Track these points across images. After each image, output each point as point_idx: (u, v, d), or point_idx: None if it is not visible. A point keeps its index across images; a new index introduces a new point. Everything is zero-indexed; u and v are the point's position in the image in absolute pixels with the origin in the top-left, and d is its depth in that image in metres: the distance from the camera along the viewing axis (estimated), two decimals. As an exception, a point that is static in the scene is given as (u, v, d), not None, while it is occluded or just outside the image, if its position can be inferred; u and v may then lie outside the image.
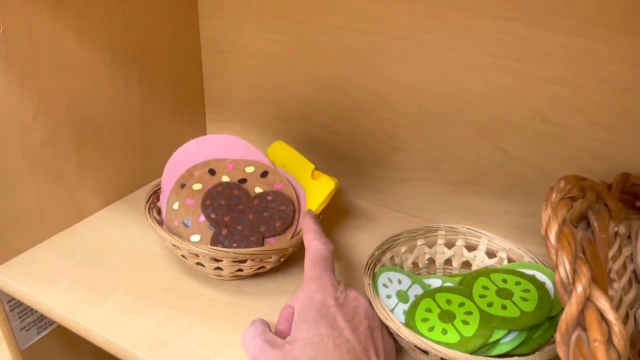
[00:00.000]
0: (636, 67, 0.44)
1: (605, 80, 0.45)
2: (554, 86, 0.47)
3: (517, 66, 0.48)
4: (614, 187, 0.44)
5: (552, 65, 0.47)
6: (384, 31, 0.53)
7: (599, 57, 0.45)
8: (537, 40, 0.46)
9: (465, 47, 0.50)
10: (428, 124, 0.55)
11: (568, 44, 0.45)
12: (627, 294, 0.39)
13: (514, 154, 0.51)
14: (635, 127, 0.46)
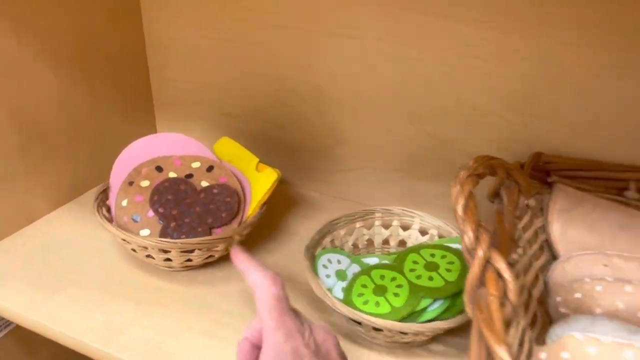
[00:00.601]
0: (545, 57, 0.48)
1: (520, 69, 0.50)
2: (476, 76, 0.52)
3: (442, 58, 0.52)
4: (526, 165, 0.49)
5: (475, 56, 0.51)
6: (319, 28, 0.57)
7: (515, 49, 0.49)
8: (459, 34, 0.51)
9: (393, 41, 0.54)
10: (365, 115, 0.59)
11: (488, 37, 0.49)
12: (537, 259, 0.44)
13: (443, 139, 0.56)
14: (548, 111, 0.50)
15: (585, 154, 0.50)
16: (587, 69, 0.47)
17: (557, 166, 0.49)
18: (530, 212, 0.46)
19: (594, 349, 0.31)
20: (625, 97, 0.47)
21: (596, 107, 0.48)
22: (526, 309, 0.39)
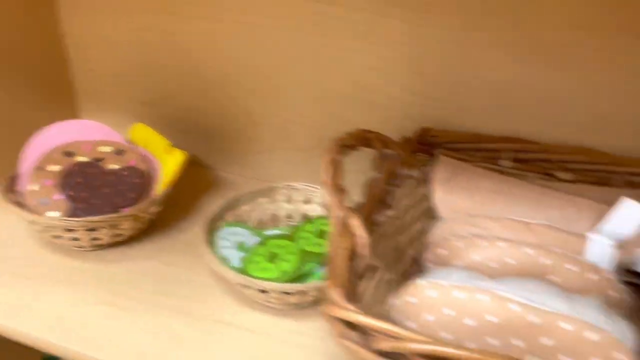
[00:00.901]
0: (429, 40, 0.52)
1: (408, 53, 0.53)
2: (369, 59, 0.55)
3: (339, 43, 0.56)
4: (413, 139, 0.53)
5: (367, 40, 0.54)
6: (226, 17, 0.59)
7: (401, 32, 0.53)
8: (351, 20, 0.54)
9: (295, 28, 0.57)
10: (274, 99, 0.62)
11: (377, 22, 0.53)
12: (415, 223, 0.48)
13: (345, 120, 0.59)
14: (435, 91, 0.55)
15: (468, 128, 0.54)
16: (464, 51, 0.51)
17: (443, 140, 0.54)
18: (415, 181, 0.50)
19: (434, 292, 0.35)
20: (497, 78, 0.51)
21: (474, 85, 0.52)
22: (398, 264, 0.44)
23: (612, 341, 0.31)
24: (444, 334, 0.34)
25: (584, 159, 0.50)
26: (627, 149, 0.49)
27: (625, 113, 0.49)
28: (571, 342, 0.32)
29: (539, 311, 0.32)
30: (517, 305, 0.32)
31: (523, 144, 0.52)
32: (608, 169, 0.50)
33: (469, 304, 0.33)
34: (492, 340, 0.33)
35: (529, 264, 0.40)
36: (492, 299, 0.33)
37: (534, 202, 0.48)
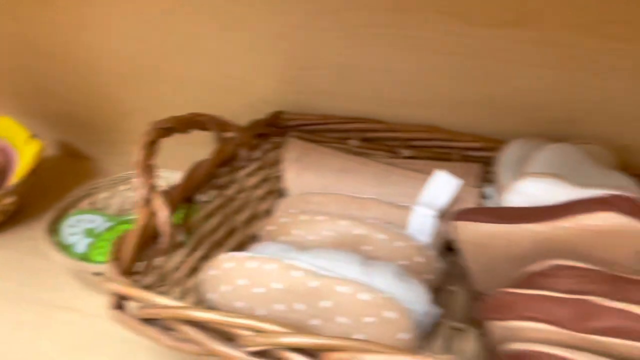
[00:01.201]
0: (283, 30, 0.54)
1: (263, 38, 0.55)
2: (230, 47, 0.56)
3: (203, 31, 0.56)
4: (261, 122, 0.54)
5: (228, 29, 0.56)
6: (97, 9, 0.59)
7: (258, 20, 0.54)
8: (221, 10, 0.54)
9: (161, 19, 0.57)
10: (144, 89, 0.62)
11: (238, 11, 0.54)
12: (260, 202, 0.49)
13: (209, 106, 0.59)
14: (293, 77, 0.56)
15: (322, 110, 0.56)
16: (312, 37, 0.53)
17: (295, 122, 0.55)
18: (261, 162, 0.52)
19: (231, 263, 0.36)
20: (344, 62, 0.53)
21: (325, 70, 0.54)
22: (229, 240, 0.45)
23: (383, 301, 0.33)
24: (239, 303, 0.35)
25: (425, 136, 0.53)
26: (464, 126, 0.52)
27: (460, 92, 0.51)
28: (347, 304, 0.34)
29: (319, 276, 0.34)
30: (299, 272, 0.34)
31: (369, 123, 0.54)
32: (447, 144, 0.52)
33: (258, 273, 0.35)
34: (278, 305, 0.34)
35: (344, 235, 0.42)
36: (278, 267, 0.35)
37: (377, 179, 0.51)
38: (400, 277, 0.38)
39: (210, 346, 0.28)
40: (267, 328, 0.27)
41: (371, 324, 0.33)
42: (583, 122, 0.48)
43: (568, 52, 0.45)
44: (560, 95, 0.47)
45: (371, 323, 0.33)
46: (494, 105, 0.50)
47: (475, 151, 0.51)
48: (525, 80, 0.47)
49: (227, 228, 0.45)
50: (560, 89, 0.47)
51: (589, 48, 0.45)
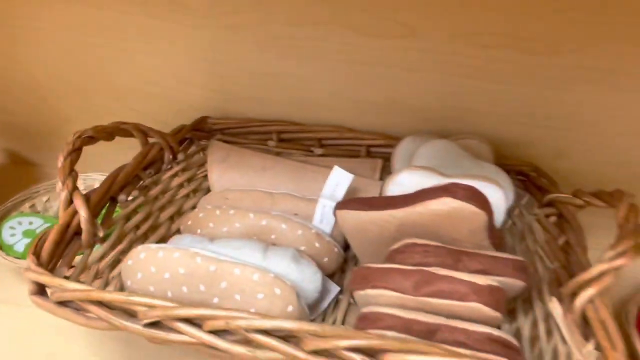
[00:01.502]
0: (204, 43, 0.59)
1: (189, 50, 0.60)
2: (161, 58, 0.61)
3: (121, 44, 0.61)
4: (189, 126, 0.59)
5: (158, 43, 0.60)
6: (22, 23, 0.63)
7: (185, 35, 0.59)
8: (142, 25, 0.59)
9: (92, 34, 0.61)
10: (81, 99, 0.67)
11: (163, 26, 0.58)
12: (187, 200, 0.55)
13: (139, 112, 0.65)
14: (217, 84, 0.61)
15: (246, 115, 0.62)
16: (234, 49, 0.58)
17: (220, 126, 0.61)
18: (186, 164, 0.57)
19: (144, 254, 0.41)
20: (263, 71, 0.59)
21: (247, 78, 0.60)
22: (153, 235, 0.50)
23: (272, 280, 0.39)
24: (151, 287, 0.41)
25: (335, 135, 0.59)
26: (368, 125, 0.58)
27: (363, 95, 0.57)
28: (242, 283, 0.39)
29: (217, 261, 0.40)
30: (201, 259, 0.40)
31: (286, 125, 0.60)
32: (354, 142, 0.59)
33: (166, 261, 0.40)
34: (184, 288, 0.40)
35: (252, 226, 0.48)
36: (183, 255, 0.40)
37: (292, 176, 0.56)
38: (296, 260, 0.44)
39: (115, 322, 0.33)
40: (157, 303, 0.32)
41: (263, 299, 0.39)
42: (465, 119, 0.55)
43: (449, 59, 0.52)
44: (445, 97, 0.54)
45: (263, 299, 0.39)
46: (392, 107, 0.57)
47: (378, 147, 0.58)
48: (415, 84, 0.54)
49: (151, 224, 0.50)
50: (444, 91, 0.54)
51: (466, 55, 0.51)
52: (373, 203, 0.41)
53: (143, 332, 0.33)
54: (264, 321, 0.31)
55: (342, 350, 0.30)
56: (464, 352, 0.30)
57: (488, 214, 0.36)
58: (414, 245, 0.37)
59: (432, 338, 0.33)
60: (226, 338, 0.32)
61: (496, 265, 0.36)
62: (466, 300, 0.33)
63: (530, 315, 0.41)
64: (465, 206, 0.36)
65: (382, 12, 0.50)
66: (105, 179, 0.46)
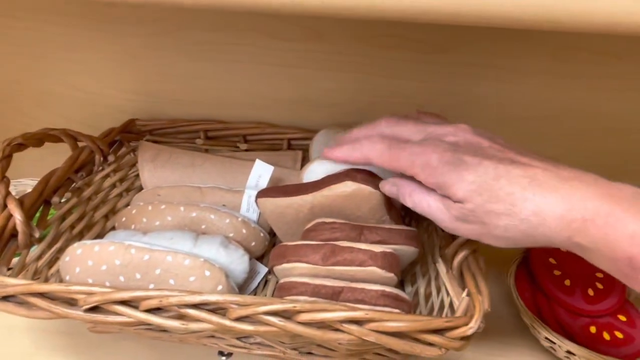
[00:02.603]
0: (129, 49, 0.62)
1: (118, 59, 0.62)
2: (89, 66, 0.63)
3: (56, 56, 0.63)
4: (118, 129, 0.62)
5: (83, 51, 0.62)
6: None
7: (112, 43, 0.61)
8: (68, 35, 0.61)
9: (23, 44, 0.62)
10: (11, 107, 0.68)
11: (89, 35, 0.61)
12: (120, 199, 0.58)
13: (72, 119, 0.67)
14: (143, 88, 0.65)
15: (175, 116, 0.66)
16: (158, 54, 0.62)
17: (149, 128, 0.64)
18: (116, 164, 0.60)
19: (80, 250, 0.45)
20: (186, 72, 0.62)
21: (171, 81, 0.63)
22: (89, 232, 0.54)
23: (202, 263, 0.44)
24: (90, 280, 0.45)
25: (258, 131, 0.64)
26: (287, 120, 0.64)
27: (281, 94, 0.63)
28: (174, 269, 0.44)
29: (150, 251, 0.44)
30: (135, 250, 0.44)
31: (212, 124, 0.64)
32: (276, 137, 0.64)
33: (102, 254, 0.44)
34: (121, 277, 0.44)
35: (183, 218, 0.52)
36: (118, 247, 0.44)
37: (220, 170, 0.61)
38: (224, 245, 0.49)
39: (56, 310, 0.37)
40: (95, 290, 0.36)
41: (194, 282, 0.44)
42: (371, 112, 0.62)
43: (353, 59, 0.58)
44: (352, 92, 0.61)
45: (194, 281, 0.44)
46: (306, 103, 0.62)
47: (298, 140, 0.63)
48: (325, 82, 0.60)
49: (86, 223, 0.53)
50: (351, 88, 0.60)
51: (367, 55, 0.58)
52: (288, 190, 0.46)
53: (84, 317, 0.37)
54: (193, 297, 0.36)
55: (262, 315, 0.36)
56: (361, 307, 0.37)
57: (383, 193, 0.43)
58: (323, 224, 0.43)
59: (337, 299, 0.39)
60: (161, 315, 0.37)
61: (391, 235, 0.43)
62: (364, 265, 0.39)
63: (427, 277, 0.48)
64: (363, 187, 0.42)
65: (292, 18, 0.56)
66: (38, 182, 0.49)
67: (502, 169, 0.34)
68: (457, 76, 0.59)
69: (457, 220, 0.35)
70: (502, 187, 0.33)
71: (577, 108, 0.59)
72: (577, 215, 0.31)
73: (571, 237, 0.32)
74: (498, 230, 0.34)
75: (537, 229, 0.32)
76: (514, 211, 0.33)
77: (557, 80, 0.57)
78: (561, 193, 0.32)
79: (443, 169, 0.35)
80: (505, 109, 0.60)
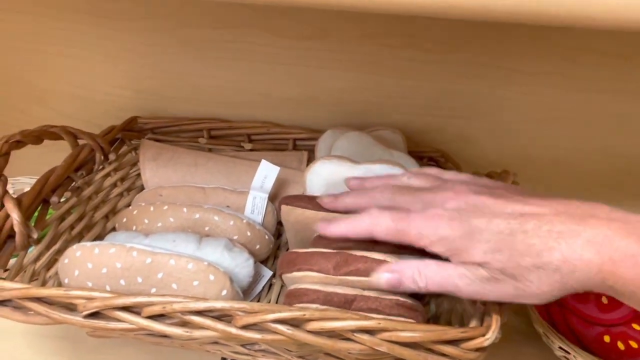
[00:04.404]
0: (126, 47, 0.60)
1: (113, 55, 0.61)
2: (88, 62, 0.62)
3: (56, 51, 0.61)
4: (119, 127, 0.61)
5: (82, 48, 0.61)
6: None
7: (107, 38, 0.60)
8: (66, 30, 0.59)
9: (21, 39, 0.61)
10: (7, 101, 0.66)
11: (83, 30, 0.59)
12: (121, 199, 0.57)
13: (71, 116, 0.66)
14: (146, 87, 0.63)
15: (177, 114, 0.64)
16: (156, 51, 0.60)
17: (151, 126, 0.63)
18: (118, 163, 0.59)
19: (79, 252, 0.43)
20: (186, 70, 0.61)
21: (174, 79, 0.62)
22: (89, 233, 0.52)
23: (206, 267, 0.43)
24: (89, 283, 0.43)
25: (263, 130, 0.62)
26: (293, 120, 0.63)
27: (287, 93, 0.61)
28: (178, 273, 0.42)
29: (153, 254, 0.43)
30: (137, 252, 0.42)
31: (215, 123, 0.62)
32: (281, 137, 0.62)
33: (103, 257, 0.42)
34: (122, 281, 0.42)
35: (186, 219, 0.51)
36: (119, 250, 0.42)
37: (223, 170, 0.60)
38: (229, 248, 0.47)
39: (55, 316, 0.36)
40: (96, 295, 0.35)
41: (198, 286, 0.43)
42: (378, 112, 0.60)
43: (360, 58, 0.57)
44: (359, 92, 0.59)
45: (198, 285, 0.43)
46: (312, 102, 0.61)
47: (304, 140, 0.62)
48: (331, 81, 0.59)
49: (85, 223, 0.51)
50: (358, 87, 0.59)
51: (374, 54, 0.56)
52: (316, 203, 0.44)
53: (83, 323, 0.36)
54: (198, 303, 0.35)
55: (270, 323, 0.34)
56: (374, 316, 0.35)
57: None
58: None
59: (350, 307, 0.37)
60: (164, 322, 0.35)
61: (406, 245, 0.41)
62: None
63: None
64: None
65: (297, 15, 0.54)
66: (36, 181, 0.47)
67: (514, 223, 0.33)
68: (466, 77, 0.57)
69: (485, 282, 0.33)
70: (522, 241, 0.32)
71: (588, 109, 0.57)
72: (606, 258, 0.30)
73: (605, 280, 0.31)
74: (532, 286, 0.32)
75: (571, 276, 0.31)
76: (543, 262, 0.32)
77: (568, 82, 0.56)
78: (584, 237, 0.31)
79: (455, 235, 0.34)
80: (516, 110, 0.59)
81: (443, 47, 0.55)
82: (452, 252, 0.34)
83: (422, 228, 0.35)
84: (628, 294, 0.31)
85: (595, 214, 0.32)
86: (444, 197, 0.37)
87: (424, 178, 0.42)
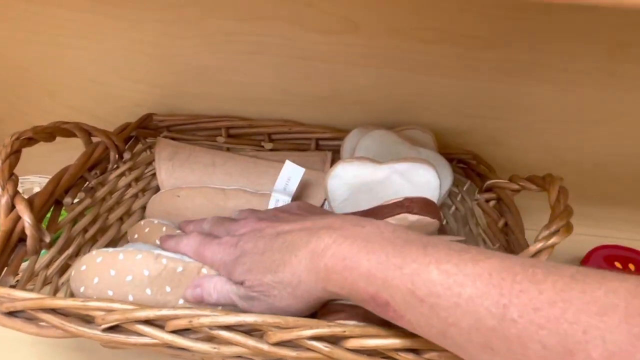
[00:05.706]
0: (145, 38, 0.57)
1: (128, 48, 0.58)
2: (102, 55, 0.59)
3: (68, 43, 0.58)
4: (134, 124, 0.57)
5: (96, 39, 0.58)
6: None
7: (123, 30, 0.57)
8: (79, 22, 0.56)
9: (31, 31, 0.58)
10: (17, 97, 0.63)
11: (98, 21, 0.56)
12: (135, 200, 0.54)
13: (82, 111, 0.63)
14: (160, 79, 0.60)
15: (193, 111, 0.61)
16: (176, 43, 0.57)
17: (167, 123, 0.60)
18: (133, 162, 0.56)
19: (100, 258, 0.40)
20: (205, 64, 0.58)
21: (191, 74, 0.59)
22: (103, 237, 0.49)
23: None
24: (110, 292, 0.40)
25: (284, 129, 0.59)
26: (316, 119, 0.60)
27: (310, 90, 0.58)
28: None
29: (184, 262, 0.40)
30: (166, 260, 0.39)
31: (234, 121, 0.60)
32: (303, 136, 0.60)
33: (128, 263, 0.39)
34: (148, 290, 0.39)
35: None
36: (147, 256, 0.39)
37: (243, 171, 0.57)
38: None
39: (70, 329, 0.33)
40: (116, 307, 0.32)
41: (226, 297, 0.40)
42: (408, 110, 0.57)
43: (390, 54, 0.54)
44: (388, 89, 0.56)
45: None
46: (338, 100, 0.58)
47: (327, 140, 0.59)
48: (359, 78, 0.56)
49: (99, 226, 0.48)
50: (387, 84, 0.56)
51: (406, 50, 0.53)
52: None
53: (102, 337, 0.33)
54: (228, 317, 0.32)
55: (306, 340, 0.31)
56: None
57: (439, 220, 0.39)
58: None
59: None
60: (189, 337, 0.33)
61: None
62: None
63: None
64: (422, 219, 0.39)
65: (326, 7, 0.51)
66: (49, 181, 0.44)
67: (270, 243, 0.36)
68: (501, 74, 0.54)
69: (244, 300, 0.36)
70: (269, 257, 0.35)
71: (633, 111, 0.54)
72: (321, 266, 0.32)
73: (325, 288, 0.32)
74: (278, 301, 0.34)
75: (300, 288, 0.33)
76: (279, 276, 0.34)
77: (612, 81, 0.53)
78: (309, 247, 0.33)
79: (229, 259, 0.38)
80: (554, 111, 0.56)
81: (477, 42, 0.52)
82: (227, 273, 0.38)
83: (213, 253, 0.40)
84: (348, 297, 0.32)
85: (332, 225, 0.34)
86: (237, 225, 0.42)
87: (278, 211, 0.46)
